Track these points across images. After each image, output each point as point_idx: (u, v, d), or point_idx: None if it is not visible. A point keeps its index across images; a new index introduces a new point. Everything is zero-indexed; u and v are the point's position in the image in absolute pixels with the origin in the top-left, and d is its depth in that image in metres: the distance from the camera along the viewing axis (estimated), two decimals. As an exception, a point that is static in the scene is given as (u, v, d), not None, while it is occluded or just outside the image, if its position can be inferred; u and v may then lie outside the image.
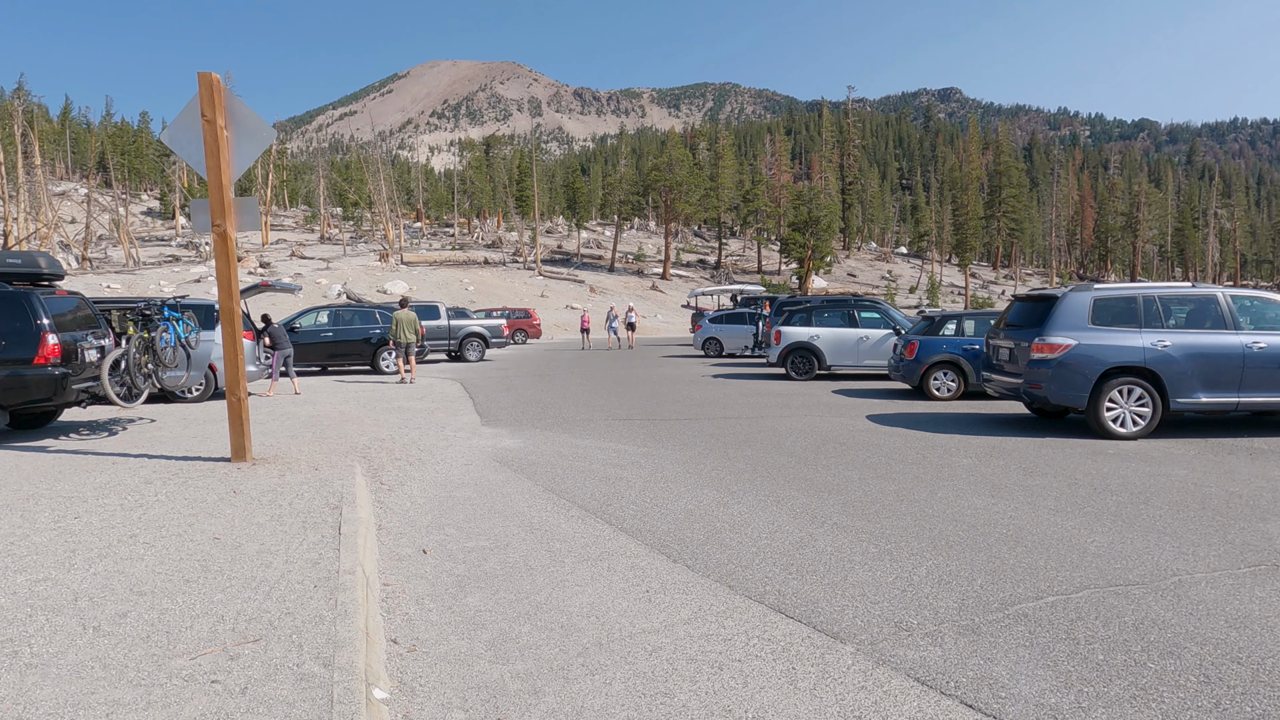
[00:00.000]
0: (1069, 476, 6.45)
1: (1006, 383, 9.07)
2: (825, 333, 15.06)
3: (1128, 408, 8.20)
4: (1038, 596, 3.75)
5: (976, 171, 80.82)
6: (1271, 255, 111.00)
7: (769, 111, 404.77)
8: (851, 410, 10.80)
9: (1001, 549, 4.49)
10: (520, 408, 11.49)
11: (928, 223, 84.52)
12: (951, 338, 12.15)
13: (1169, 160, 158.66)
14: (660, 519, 5.22)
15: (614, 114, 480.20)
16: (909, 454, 7.49)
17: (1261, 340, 8.16)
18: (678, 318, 46.21)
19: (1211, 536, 4.71)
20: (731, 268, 68.65)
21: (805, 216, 53.41)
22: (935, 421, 9.69)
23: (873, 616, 3.53)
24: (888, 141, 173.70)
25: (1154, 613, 3.53)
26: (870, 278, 74.41)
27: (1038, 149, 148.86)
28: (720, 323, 23.78)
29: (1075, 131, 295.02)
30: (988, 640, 3.26)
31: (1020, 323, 9.06)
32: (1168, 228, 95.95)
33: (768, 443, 8.23)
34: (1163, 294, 8.52)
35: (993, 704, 2.74)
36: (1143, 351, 8.15)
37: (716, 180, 67.18)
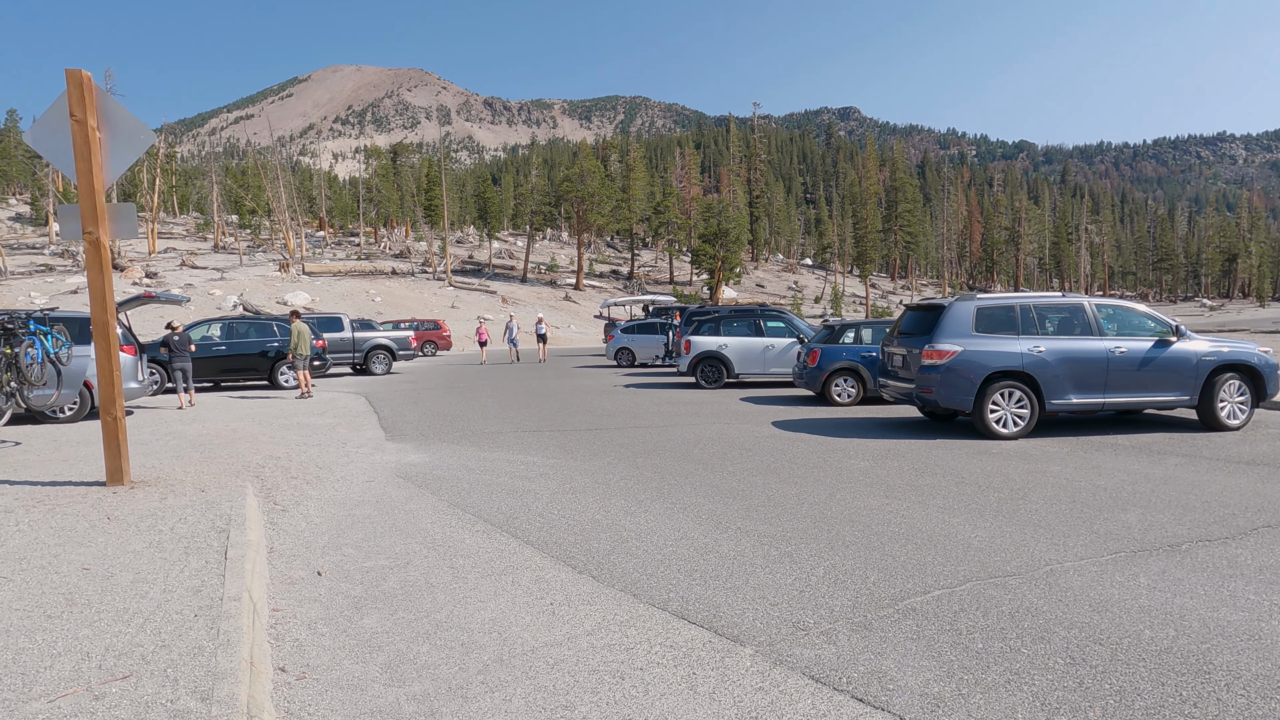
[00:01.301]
0: (957, 475, 6.82)
1: (901, 388, 9.53)
2: (733, 342, 15.40)
3: (1009, 409, 8.77)
4: (925, 591, 3.95)
5: (874, 187, 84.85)
6: (1135, 267, 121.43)
7: (679, 125, 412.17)
8: (758, 417, 11.07)
9: (893, 547, 4.70)
10: (427, 422, 11.19)
11: (830, 235, 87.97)
12: (850, 345, 12.67)
13: (1046, 179, 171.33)
14: (567, 530, 5.19)
15: (525, 124, 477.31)
16: (810, 458, 7.75)
17: (1123, 345, 8.90)
18: (591, 328, 46.23)
19: (1080, 528, 5.09)
20: (644, 278, 69.31)
21: (715, 228, 54.58)
22: (836, 426, 10.06)
23: (772, 618, 3.62)
24: (792, 157, 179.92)
25: (1028, 601, 3.78)
26: (778, 288, 76.72)
27: (930, 167, 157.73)
28: (632, 333, 23.94)
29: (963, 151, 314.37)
30: (879, 635, 3.40)
31: (912, 331, 9.55)
32: (1046, 241, 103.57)
33: (676, 451, 8.33)
34: (1037, 303, 9.17)
35: (881, 696, 2.86)
36: (1021, 357, 8.74)
37: (628, 192, 67.76)
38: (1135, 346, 8.90)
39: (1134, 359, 8.84)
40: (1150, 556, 4.45)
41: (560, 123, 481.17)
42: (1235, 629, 3.39)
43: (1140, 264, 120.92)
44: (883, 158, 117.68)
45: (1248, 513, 5.39)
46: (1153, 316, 9.33)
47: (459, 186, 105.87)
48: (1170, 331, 9.07)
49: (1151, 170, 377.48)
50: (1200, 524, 5.12)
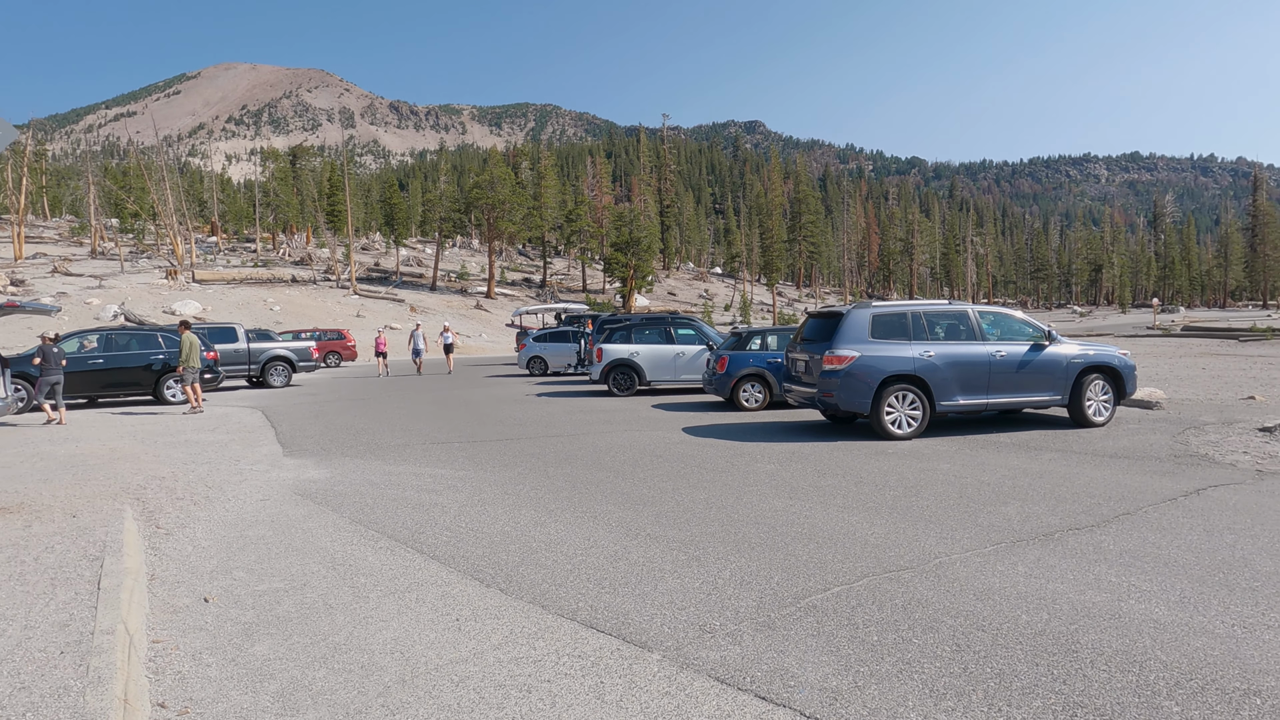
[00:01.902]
0: (856, 475, 7.12)
1: (804, 392, 9.86)
2: (645, 349, 15.54)
3: (903, 411, 9.23)
4: (825, 588, 4.10)
5: (779, 199, 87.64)
6: (1015, 276, 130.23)
7: (589, 134, 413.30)
8: (669, 424, 11.21)
9: (796, 546, 4.86)
10: (329, 435, 10.74)
11: (739, 245, 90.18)
12: (757, 352, 13.02)
13: (936, 194, 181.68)
14: (475, 543, 5.10)
15: (434, 130, 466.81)
16: (719, 463, 7.91)
17: (1003, 349, 9.53)
18: (503, 337, 45.58)
19: (966, 521, 5.41)
20: (557, 286, 68.98)
21: (627, 237, 54.95)
22: (743, 431, 10.31)
23: (679, 622, 3.67)
24: (701, 168, 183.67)
25: (919, 593, 3.98)
26: (689, 296, 77.96)
27: (831, 180, 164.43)
28: (544, 341, 23.76)
29: (861, 165, 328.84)
30: (781, 634, 3.50)
31: (814, 337, 9.91)
32: (936, 252, 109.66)
33: (588, 459, 8.32)
34: (927, 310, 9.70)
35: (783, 693, 2.95)
36: (913, 361, 9.21)
37: (540, 200, 67.33)
38: (1014, 350, 9.55)
39: (1013, 362, 9.48)
40: (1027, 546, 4.77)
41: (470, 129, 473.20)
42: (1099, 610, 3.69)
43: (1020, 273, 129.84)
44: (787, 170, 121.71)
45: (1110, 502, 5.88)
46: (1029, 323, 10.04)
47: (364, 191, 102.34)
48: (1044, 336, 9.78)
49: (1028, 187, 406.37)
50: (1071, 514, 5.54)
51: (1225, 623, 3.50)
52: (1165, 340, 37.08)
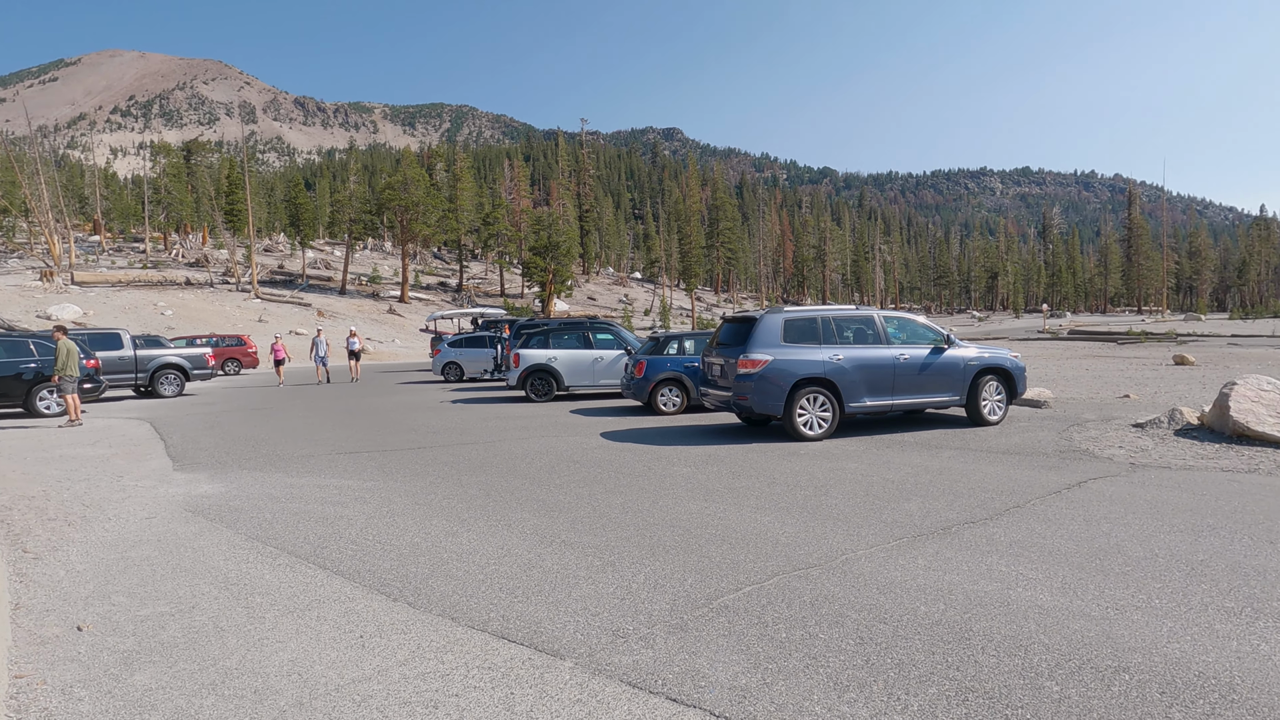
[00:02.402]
0: (769, 476, 7.28)
1: (720, 396, 10.03)
2: (563, 354, 15.45)
3: (814, 413, 9.51)
4: (737, 588, 4.16)
5: (697, 205, 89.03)
6: (920, 283, 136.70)
7: (507, 137, 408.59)
8: (587, 429, 11.17)
9: (710, 548, 4.92)
10: (226, 447, 10.16)
11: (658, 250, 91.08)
12: (675, 356, 13.16)
13: (846, 203, 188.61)
14: (382, 556, 4.92)
15: (342, 128, 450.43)
16: (636, 467, 7.93)
17: (906, 353, 9.96)
18: (418, 342, 44.36)
19: (871, 518, 5.61)
20: (474, 290, 67.75)
21: (545, 241, 54.54)
22: (661, 435, 10.39)
23: (593, 628, 3.65)
24: (620, 173, 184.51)
25: (826, 589, 4.10)
26: (609, 301, 78.10)
27: (747, 188, 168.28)
28: (460, 346, 23.28)
29: (775, 174, 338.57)
30: (693, 635, 3.53)
31: (729, 342, 10.09)
32: (848, 259, 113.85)
33: (504, 466, 8.19)
34: (836, 315, 10.04)
35: (694, 694, 2.97)
36: (823, 364, 9.51)
37: (455, 202, 65.98)
38: (916, 354, 10.00)
39: (915, 365, 9.93)
40: (927, 540, 4.99)
41: (381, 128, 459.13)
42: (990, 598, 3.89)
43: (924, 280, 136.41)
44: (704, 177, 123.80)
45: (1003, 496, 6.23)
46: (930, 327, 10.54)
47: (267, 190, 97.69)
48: (943, 340, 10.29)
49: (931, 198, 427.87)
50: (967, 508, 5.84)
51: (1100, 606, 3.76)
52: (1054, 343, 39.72)
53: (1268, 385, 8.88)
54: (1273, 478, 6.82)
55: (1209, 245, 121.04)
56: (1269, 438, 8.14)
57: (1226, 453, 7.91)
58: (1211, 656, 3.17)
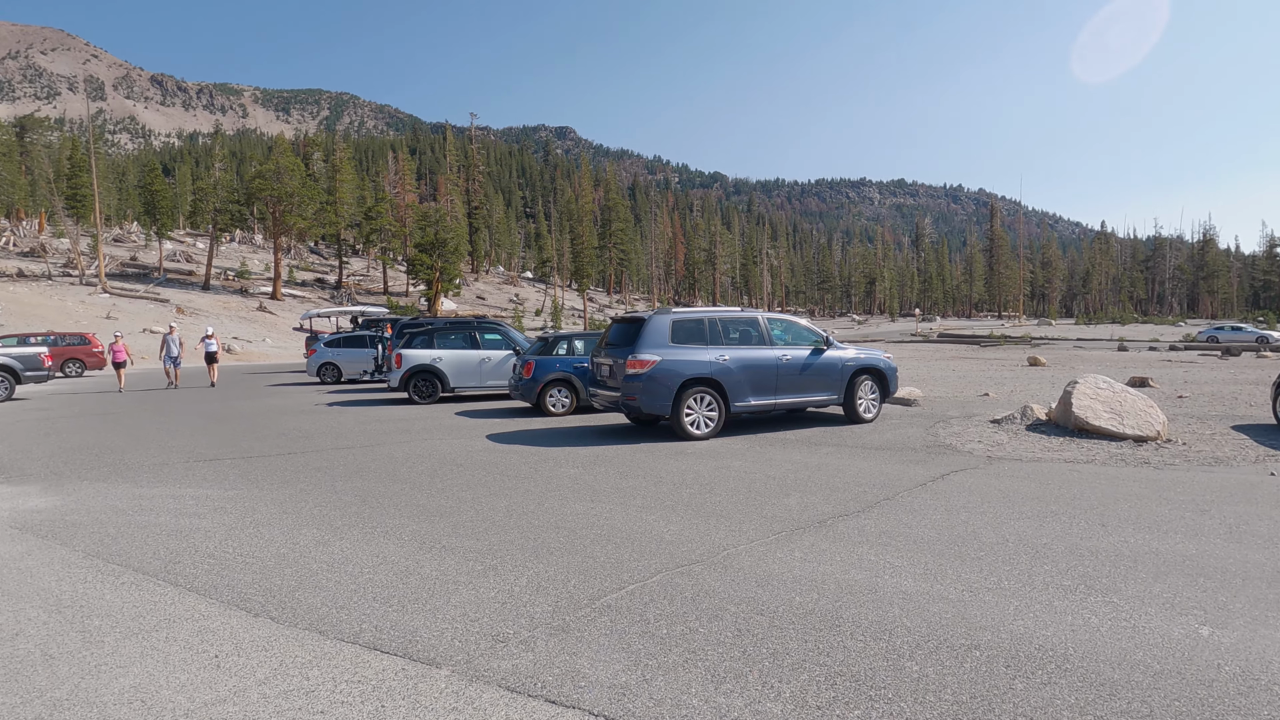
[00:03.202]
0: (656, 476, 7.35)
1: (609, 396, 10.04)
2: (448, 355, 15.01)
3: (701, 413, 9.70)
4: (621, 587, 4.16)
5: (590, 205, 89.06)
6: (805, 287, 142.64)
7: (392, 128, 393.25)
8: (472, 431, 10.90)
9: (595, 548, 4.90)
10: (63, 456, 9.20)
11: (550, 250, 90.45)
12: (564, 357, 13.07)
13: (736, 208, 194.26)
14: (244, 570, 4.58)
15: (207, 110, 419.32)
16: (523, 469, 7.81)
17: (789, 353, 10.34)
18: (292, 342, 41.90)
19: (753, 514, 5.77)
20: (355, 288, 64.76)
21: (432, 238, 52.91)
22: (549, 436, 10.29)
23: (471, 634, 3.54)
24: (511, 171, 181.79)
25: (708, 584, 4.17)
26: (499, 300, 76.75)
27: (639, 190, 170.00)
28: (337, 346, 22.16)
29: (668, 177, 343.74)
30: (575, 636, 3.50)
31: (618, 342, 10.13)
32: (737, 263, 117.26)
33: (383, 471, 7.85)
34: (722, 317, 10.28)
35: (573, 695, 2.93)
36: (710, 365, 9.72)
37: (334, 194, 62.85)
38: (797, 354, 10.40)
39: (797, 365, 10.33)
40: (804, 533, 5.19)
41: (252, 112, 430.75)
42: (860, 586, 4.08)
43: (808, 284, 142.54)
44: (597, 178, 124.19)
45: (875, 489, 6.57)
46: (810, 329, 10.99)
47: (118, 174, 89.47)
48: (823, 342, 10.76)
49: (815, 205, 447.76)
50: (842, 502, 6.12)
51: (957, 589, 4.02)
52: (924, 345, 42.49)
53: (1103, 384, 9.84)
54: (1106, 467, 7.56)
55: (1059, 256, 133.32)
56: (1104, 431, 9.03)
57: (1069, 445, 8.70)
58: (1050, 631, 3.46)
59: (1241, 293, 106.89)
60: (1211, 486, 6.58)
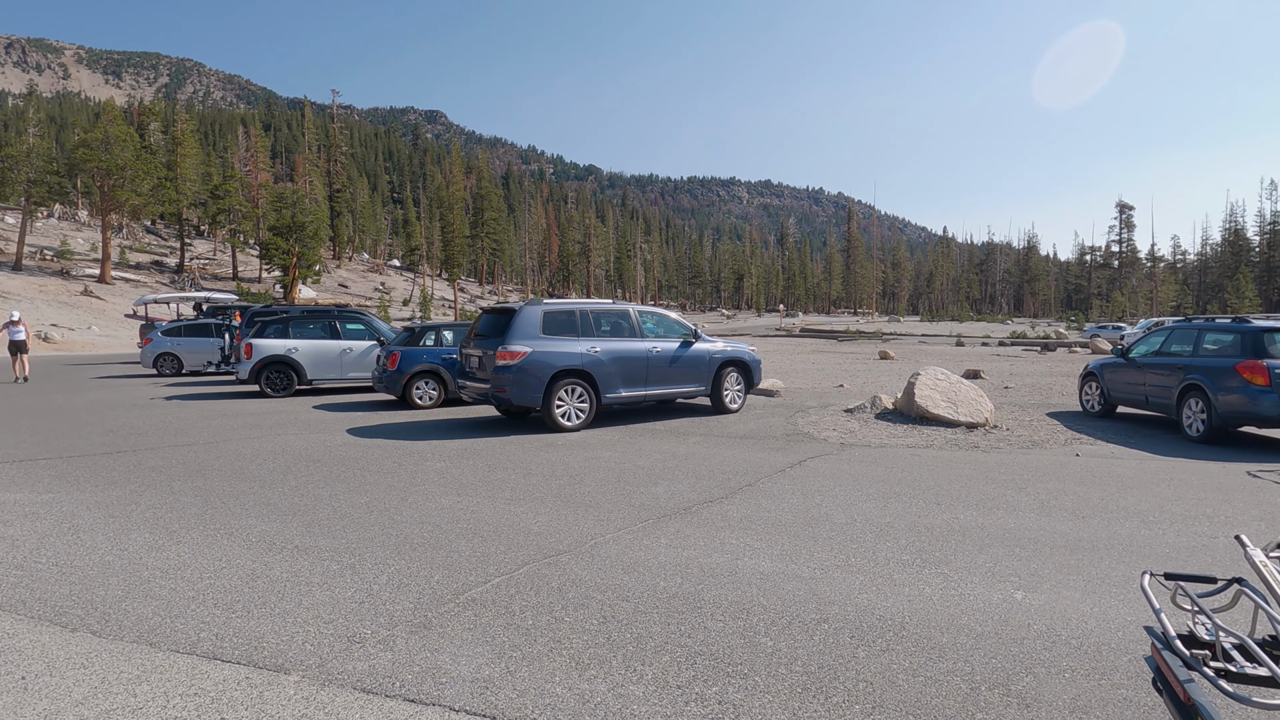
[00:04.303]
0: (525, 468, 7.29)
1: (478, 388, 9.84)
2: (305, 345, 14.13)
3: (572, 404, 9.71)
4: (486, 580, 4.10)
5: (461, 193, 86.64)
6: (677, 281, 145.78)
7: (243, 101, 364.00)
8: (332, 425, 10.35)
9: (460, 542, 4.79)
10: None
11: (418, 237, 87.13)
12: (432, 348, 12.65)
13: (610, 202, 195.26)
14: (59, 581, 4.12)
15: (18, 68, 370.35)
16: (386, 464, 7.50)
17: (659, 346, 10.54)
18: (124, 330, 37.93)
19: (621, 503, 5.85)
20: (199, 272, 59.50)
21: (289, 220, 49.54)
22: (415, 430, 9.94)
23: (325, 637, 3.37)
24: (377, 153, 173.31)
25: (575, 574, 4.19)
26: (364, 289, 73.09)
27: (513, 179, 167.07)
28: (178, 335, 20.29)
29: (542, 168, 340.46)
30: (437, 632, 3.41)
31: (487, 333, 9.93)
32: (611, 256, 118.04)
33: (228, 469, 7.28)
34: (594, 309, 10.33)
35: (434, 692, 2.86)
36: (581, 357, 9.73)
37: (175, 170, 57.36)
38: (667, 347, 10.63)
39: (666, 357, 10.55)
40: (671, 520, 5.32)
41: (75, 73, 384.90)
42: (721, 569, 4.24)
43: (680, 279, 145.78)
44: (469, 165, 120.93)
45: (738, 476, 6.84)
46: (680, 322, 11.26)
47: (-97, 135, 77.26)
48: (691, 334, 11.05)
49: (688, 202, 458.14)
50: (707, 489, 6.32)
51: (809, 568, 4.27)
52: (788, 339, 44.60)
53: (941, 376, 10.74)
54: (942, 451, 8.26)
55: (907, 258, 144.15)
56: (942, 418, 9.86)
57: (912, 432, 9.43)
58: (890, 602, 3.75)
59: (1058, 295, 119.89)
60: (1029, 467, 7.36)
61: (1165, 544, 4.77)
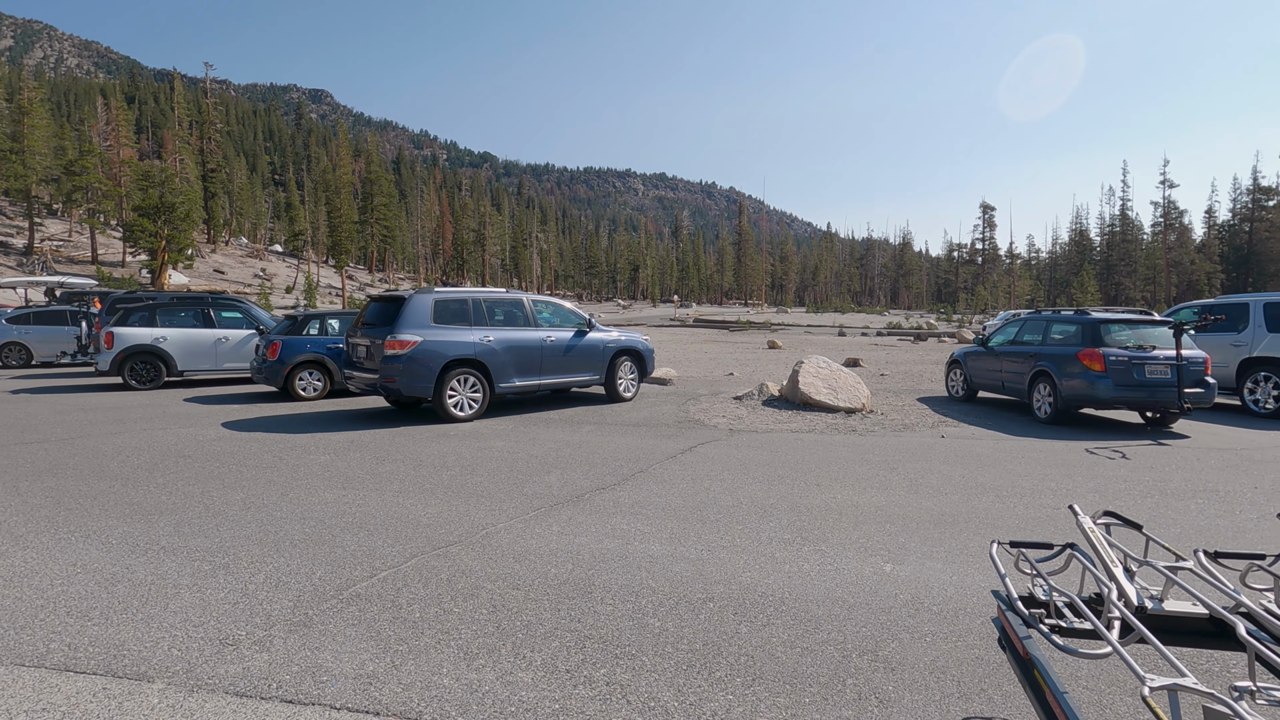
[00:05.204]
0: (415, 459, 7.12)
1: (366, 378, 9.50)
2: (175, 334, 13.16)
3: (465, 394, 9.54)
4: (372, 574, 4.00)
5: (349, 177, 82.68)
6: (574, 271, 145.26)
7: (102, 70, 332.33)
8: (205, 419, 9.72)
9: (345, 537, 4.65)
10: None
11: (303, 222, 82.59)
12: (316, 337, 12.09)
13: (506, 190, 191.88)
14: (-123, 596, 3.70)
15: None
16: (265, 459, 7.13)
17: (553, 335, 10.52)
18: (-42, 318, 33.99)
19: (514, 492, 5.83)
20: (52, 255, 54.07)
21: (156, 200, 45.74)
22: (298, 422, 9.49)
23: (193, 641, 3.20)
24: (257, 132, 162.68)
25: (465, 564, 4.15)
26: (243, 275, 68.59)
27: (405, 164, 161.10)
28: (26, 323, 18.42)
29: (435, 153, 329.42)
30: (319, 630, 3.30)
31: (375, 322, 9.60)
32: (507, 245, 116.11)
33: (85, 468, 6.72)
34: (487, 297, 10.17)
35: (314, 691, 2.78)
36: (474, 346, 9.58)
37: (22, 141, 51.81)
38: (562, 336, 10.62)
39: (561, 346, 10.55)
40: (563, 508, 5.36)
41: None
42: (612, 554, 4.32)
43: (577, 269, 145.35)
44: (357, 148, 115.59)
45: (630, 463, 6.95)
46: (574, 312, 11.27)
47: None
48: (585, 324, 11.09)
49: (584, 192, 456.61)
50: (600, 476, 6.39)
51: (697, 549, 4.42)
52: (682, 329, 45.37)
53: (824, 364, 11.27)
54: (823, 435, 8.69)
55: (794, 252, 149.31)
56: (823, 404, 10.35)
57: (796, 417, 9.86)
58: (772, 579, 3.94)
59: (930, 288, 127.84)
60: (900, 448, 7.87)
61: (1016, 516, 5.25)
